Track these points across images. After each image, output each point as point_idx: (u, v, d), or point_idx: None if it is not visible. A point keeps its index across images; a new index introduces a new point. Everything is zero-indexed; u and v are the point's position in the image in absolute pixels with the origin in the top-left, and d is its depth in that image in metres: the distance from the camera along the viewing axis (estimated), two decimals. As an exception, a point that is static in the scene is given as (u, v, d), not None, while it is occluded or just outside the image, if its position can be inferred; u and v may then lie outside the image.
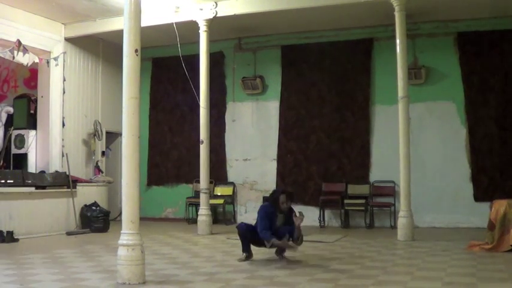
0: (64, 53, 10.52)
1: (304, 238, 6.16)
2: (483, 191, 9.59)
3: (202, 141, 9.33)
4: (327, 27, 10.62)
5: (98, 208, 9.72)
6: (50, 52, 10.31)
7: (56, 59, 10.24)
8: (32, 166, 10.44)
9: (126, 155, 5.01)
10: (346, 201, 10.14)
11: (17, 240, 8.04)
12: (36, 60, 9.87)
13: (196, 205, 10.44)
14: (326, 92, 10.81)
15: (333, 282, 4.92)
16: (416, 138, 9.83)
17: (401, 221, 8.08)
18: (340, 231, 9.39)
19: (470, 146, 9.83)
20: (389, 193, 10.08)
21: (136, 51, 4.99)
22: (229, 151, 11.51)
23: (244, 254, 6.23)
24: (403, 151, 8.12)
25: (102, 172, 11.23)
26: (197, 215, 9.65)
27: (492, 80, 9.77)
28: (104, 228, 9.55)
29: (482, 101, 9.81)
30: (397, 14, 8.23)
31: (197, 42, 9.51)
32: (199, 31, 9.44)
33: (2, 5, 9.06)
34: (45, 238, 8.59)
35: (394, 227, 9.22)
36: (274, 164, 11.08)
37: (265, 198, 9.25)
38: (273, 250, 6.37)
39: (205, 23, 9.38)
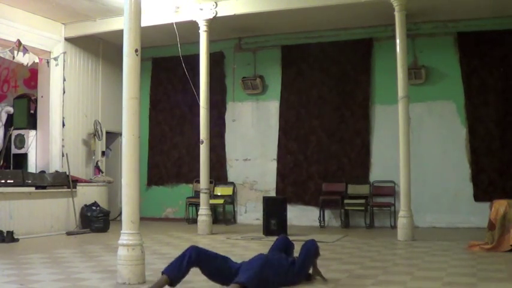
0: (64, 53, 10.51)
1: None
2: (483, 191, 9.58)
3: (202, 141, 9.32)
4: (327, 27, 10.62)
5: (98, 208, 9.72)
6: (50, 52, 10.30)
7: (56, 59, 10.23)
8: (32, 166, 10.43)
9: (126, 155, 5.00)
10: (346, 201, 10.13)
11: (17, 240, 8.03)
12: (36, 60, 9.87)
13: (196, 205, 10.44)
14: (326, 91, 10.80)
15: (333, 282, 4.91)
16: (416, 138, 9.84)
17: (401, 221, 8.08)
18: (340, 231, 9.38)
19: (470, 146, 9.83)
20: (390, 193, 10.08)
21: (136, 51, 4.99)
22: (229, 151, 11.50)
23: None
24: (403, 151, 8.11)
25: (102, 172, 11.23)
26: (197, 215, 9.64)
27: (492, 80, 9.76)
28: (104, 228, 9.55)
29: (482, 101, 9.81)
30: (397, 14, 8.23)
31: (197, 42, 9.51)
32: (199, 31, 9.43)
33: (2, 5, 9.05)
34: (45, 238, 8.58)
35: (394, 227, 9.22)
36: (274, 164, 11.08)
37: (265, 199, 9.20)
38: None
39: (205, 23, 9.37)
